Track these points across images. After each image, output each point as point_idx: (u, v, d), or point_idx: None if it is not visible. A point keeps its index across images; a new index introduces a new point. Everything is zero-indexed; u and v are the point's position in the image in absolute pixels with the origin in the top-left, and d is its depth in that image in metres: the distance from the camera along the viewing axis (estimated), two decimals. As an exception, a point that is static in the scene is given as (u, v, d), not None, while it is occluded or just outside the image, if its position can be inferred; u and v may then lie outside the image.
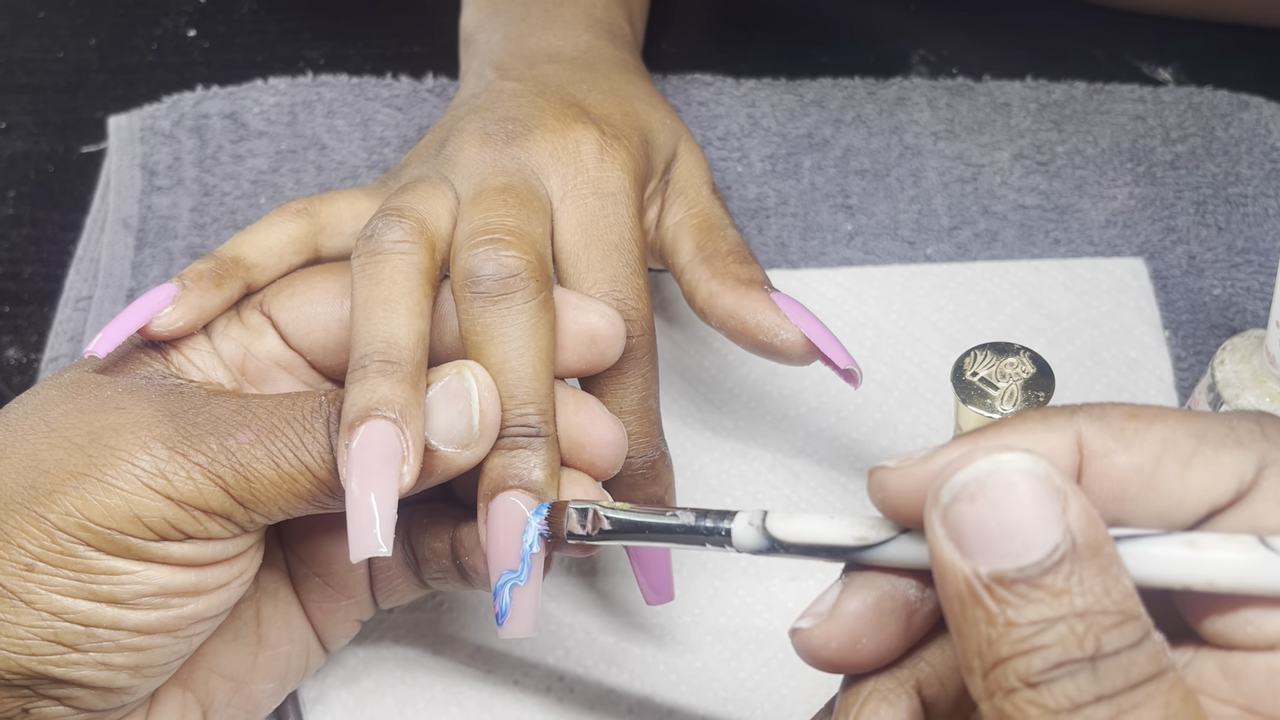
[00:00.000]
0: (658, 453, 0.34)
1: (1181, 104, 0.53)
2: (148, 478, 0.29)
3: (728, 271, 0.36)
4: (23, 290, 0.51)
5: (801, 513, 0.26)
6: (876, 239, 0.50)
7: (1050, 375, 0.32)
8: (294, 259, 0.36)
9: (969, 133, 0.53)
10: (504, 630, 0.31)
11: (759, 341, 0.35)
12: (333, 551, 0.35)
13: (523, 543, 0.31)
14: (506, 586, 0.31)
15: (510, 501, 0.31)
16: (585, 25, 0.44)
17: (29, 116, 0.56)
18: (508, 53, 0.42)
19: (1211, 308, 0.48)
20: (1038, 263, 0.49)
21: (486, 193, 0.34)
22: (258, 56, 0.58)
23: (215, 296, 0.33)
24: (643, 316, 0.34)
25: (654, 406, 0.34)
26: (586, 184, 0.35)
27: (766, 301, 0.35)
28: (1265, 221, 0.50)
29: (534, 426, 0.31)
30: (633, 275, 0.34)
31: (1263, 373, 0.40)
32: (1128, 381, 0.46)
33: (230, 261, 0.34)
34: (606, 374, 0.33)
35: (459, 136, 0.36)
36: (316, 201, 0.36)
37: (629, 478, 0.34)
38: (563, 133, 0.36)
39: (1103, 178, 0.51)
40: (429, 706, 0.40)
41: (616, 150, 0.36)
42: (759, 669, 0.40)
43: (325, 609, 0.36)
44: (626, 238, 0.34)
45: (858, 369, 0.35)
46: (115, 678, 0.30)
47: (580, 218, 0.34)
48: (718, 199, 0.39)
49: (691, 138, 0.41)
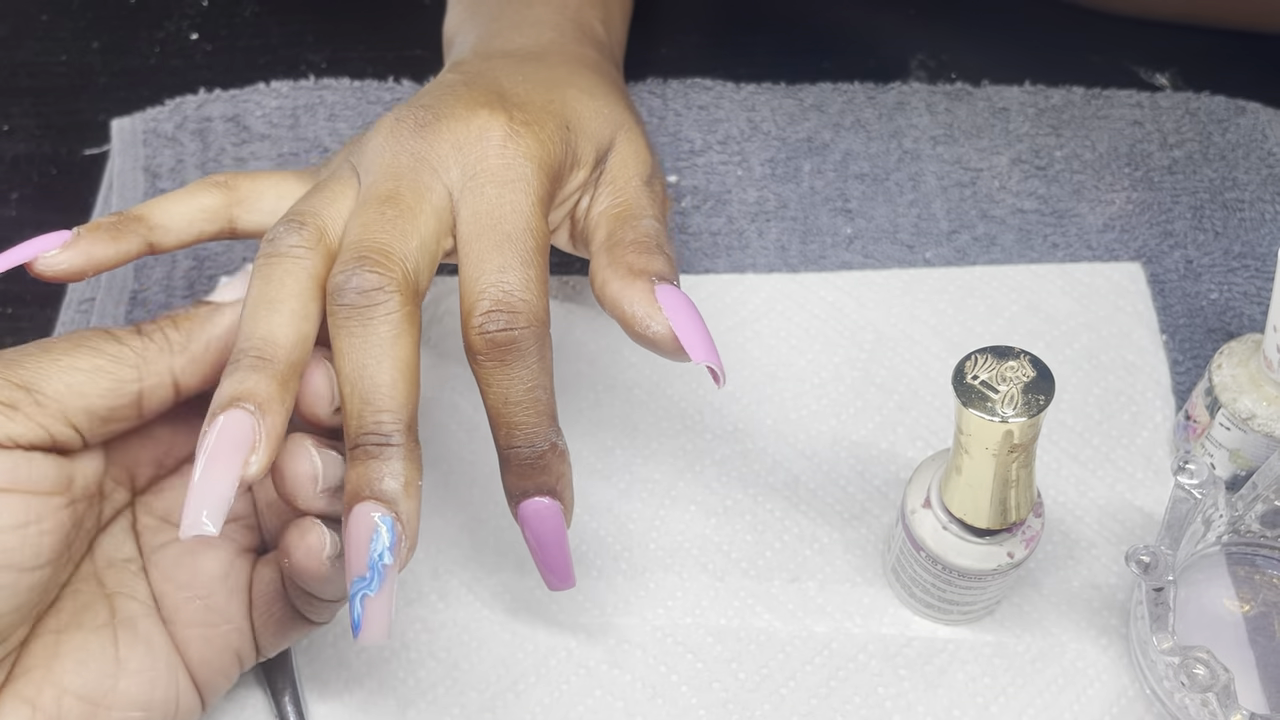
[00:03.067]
0: (547, 443, 0.34)
1: (1179, 109, 0.54)
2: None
3: (622, 260, 0.35)
4: (25, 292, 0.51)
5: None
6: (876, 243, 0.50)
7: (1050, 379, 0.32)
8: (205, 227, 0.37)
9: (968, 137, 0.53)
10: (360, 639, 0.31)
11: (634, 332, 0.35)
12: (212, 571, 0.35)
13: (371, 551, 0.31)
14: (358, 596, 0.31)
15: (361, 512, 0.31)
16: (553, 24, 0.44)
17: (32, 119, 0.57)
18: (473, 52, 0.42)
19: (1209, 312, 0.48)
20: (1036, 267, 0.49)
21: (369, 203, 0.34)
22: (260, 60, 0.58)
23: (109, 247, 0.35)
24: (530, 308, 0.33)
25: (542, 397, 0.33)
26: (486, 173, 0.35)
27: (645, 292, 0.34)
28: (1262, 226, 0.50)
29: (386, 435, 0.31)
30: (524, 265, 0.33)
31: (1260, 377, 0.40)
32: (1125, 385, 0.46)
33: (133, 219, 0.35)
34: (491, 365, 0.33)
35: (373, 127, 0.37)
36: (239, 176, 0.37)
37: (518, 466, 0.34)
38: (468, 120, 0.36)
39: (1100, 182, 0.52)
40: (431, 707, 0.40)
41: (523, 137, 0.35)
42: (759, 670, 0.40)
43: (204, 635, 0.35)
44: (521, 227, 0.34)
45: (719, 368, 0.34)
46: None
47: (477, 208, 0.34)
48: (650, 190, 0.38)
49: (636, 130, 0.40)
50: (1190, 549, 0.40)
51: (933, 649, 0.41)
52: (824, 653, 0.41)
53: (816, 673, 0.40)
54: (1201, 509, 0.38)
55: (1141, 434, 0.45)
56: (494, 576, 0.42)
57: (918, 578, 0.39)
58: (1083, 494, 0.44)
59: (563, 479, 0.35)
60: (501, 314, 0.33)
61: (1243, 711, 0.34)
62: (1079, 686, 0.40)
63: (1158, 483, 0.44)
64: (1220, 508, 0.39)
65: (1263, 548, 0.41)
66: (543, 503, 0.34)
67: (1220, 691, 0.34)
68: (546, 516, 0.34)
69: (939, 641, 0.41)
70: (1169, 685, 0.37)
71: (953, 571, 0.37)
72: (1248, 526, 0.40)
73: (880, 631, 0.41)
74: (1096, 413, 0.45)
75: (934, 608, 0.40)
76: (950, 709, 0.40)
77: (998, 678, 0.40)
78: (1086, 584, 0.42)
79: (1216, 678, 0.34)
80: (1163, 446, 0.45)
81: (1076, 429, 0.45)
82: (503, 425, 0.33)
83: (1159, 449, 0.45)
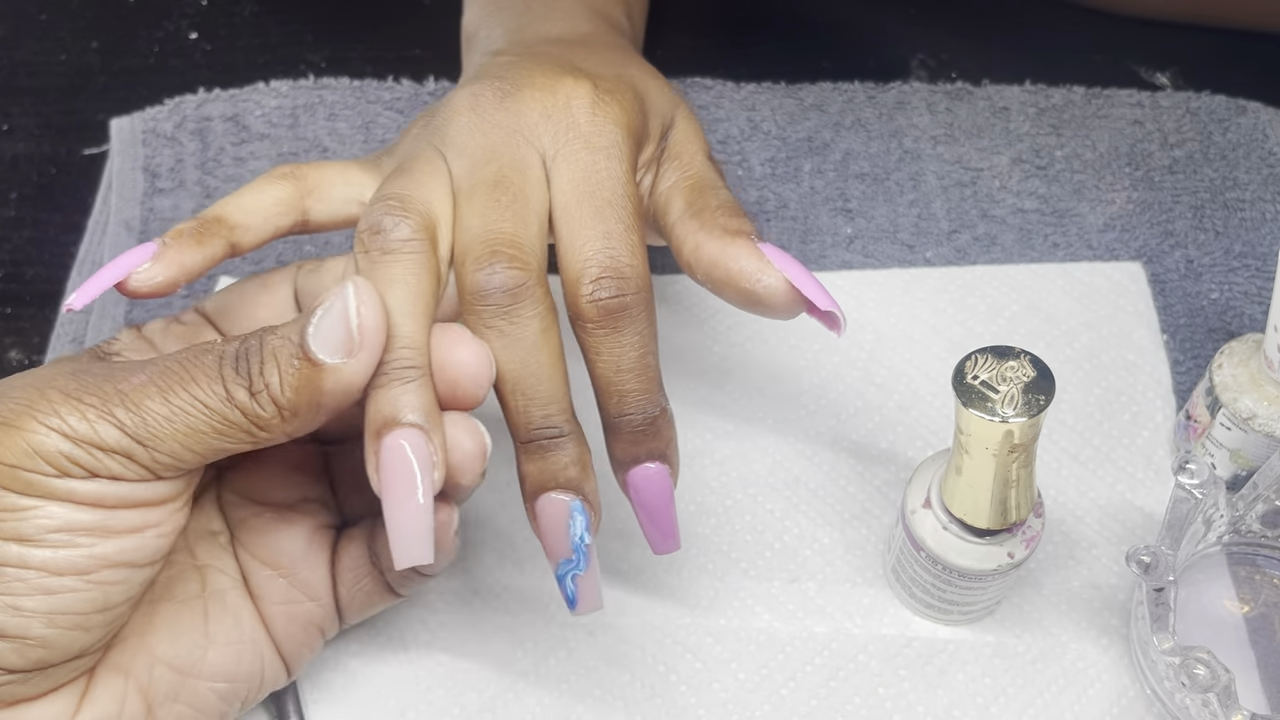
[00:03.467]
0: (658, 409, 0.34)
1: (1179, 109, 0.54)
2: (44, 418, 0.29)
3: (715, 223, 0.35)
4: (25, 292, 0.51)
5: None
6: (876, 243, 0.50)
7: (1050, 379, 0.32)
8: (280, 220, 0.36)
9: (968, 137, 0.53)
10: (577, 612, 0.34)
11: (742, 289, 0.34)
12: (293, 550, 0.36)
13: (571, 535, 0.33)
14: (567, 576, 0.33)
15: (553, 501, 0.33)
16: (584, 16, 0.44)
17: (31, 119, 0.57)
18: (508, 42, 0.42)
19: (1209, 312, 0.48)
20: (1036, 267, 0.49)
21: (478, 189, 0.34)
22: (259, 59, 0.58)
23: (196, 253, 0.34)
24: (638, 274, 0.33)
25: (652, 364, 0.34)
26: (579, 139, 0.35)
27: (751, 248, 0.34)
28: (1263, 226, 0.50)
29: (558, 427, 0.32)
30: (627, 231, 0.33)
31: (1260, 376, 0.40)
32: (1126, 385, 0.46)
33: (213, 220, 0.35)
34: (603, 333, 0.33)
35: (448, 106, 0.36)
36: (305, 167, 0.37)
37: (630, 433, 0.34)
38: (553, 89, 0.35)
39: (1101, 182, 0.52)
40: (430, 709, 0.40)
41: (609, 104, 0.35)
42: (759, 670, 0.40)
43: (288, 612, 0.36)
44: (619, 193, 0.34)
45: (840, 312, 0.34)
46: (29, 625, 0.30)
47: (573, 174, 0.34)
48: (714, 166, 0.39)
49: (690, 109, 0.40)
50: (1191, 549, 0.40)
51: (933, 649, 0.41)
52: (824, 653, 0.41)
53: (816, 673, 0.40)
54: (1202, 509, 0.38)
55: (1142, 434, 0.45)
56: (494, 576, 0.42)
57: (918, 578, 0.39)
58: (1083, 494, 0.44)
59: (671, 443, 0.35)
60: (611, 280, 0.32)
61: (1243, 712, 0.34)
62: (1079, 687, 0.40)
63: (1158, 483, 0.44)
64: (1221, 508, 0.39)
65: (1263, 548, 0.41)
66: (652, 468, 0.34)
67: (1221, 692, 0.34)
68: (657, 480, 0.35)
69: (939, 642, 0.41)
70: (1170, 685, 0.37)
71: (953, 572, 0.37)
72: (1248, 526, 0.40)
73: (880, 632, 0.41)
74: (1097, 412, 0.45)
75: (934, 608, 0.40)
76: (950, 709, 0.40)
77: (998, 678, 0.40)
78: (1087, 584, 0.42)
79: (1217, 678, 0.34)
80: (1163, 446, 0.45)
81: (1077, 429, 0.45)
82: (614, 394, 0.33)
83: (1159, 449, 0.45)
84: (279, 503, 0.37)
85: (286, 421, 0.31)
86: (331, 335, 0.30)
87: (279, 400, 0.30)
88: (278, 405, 0.30)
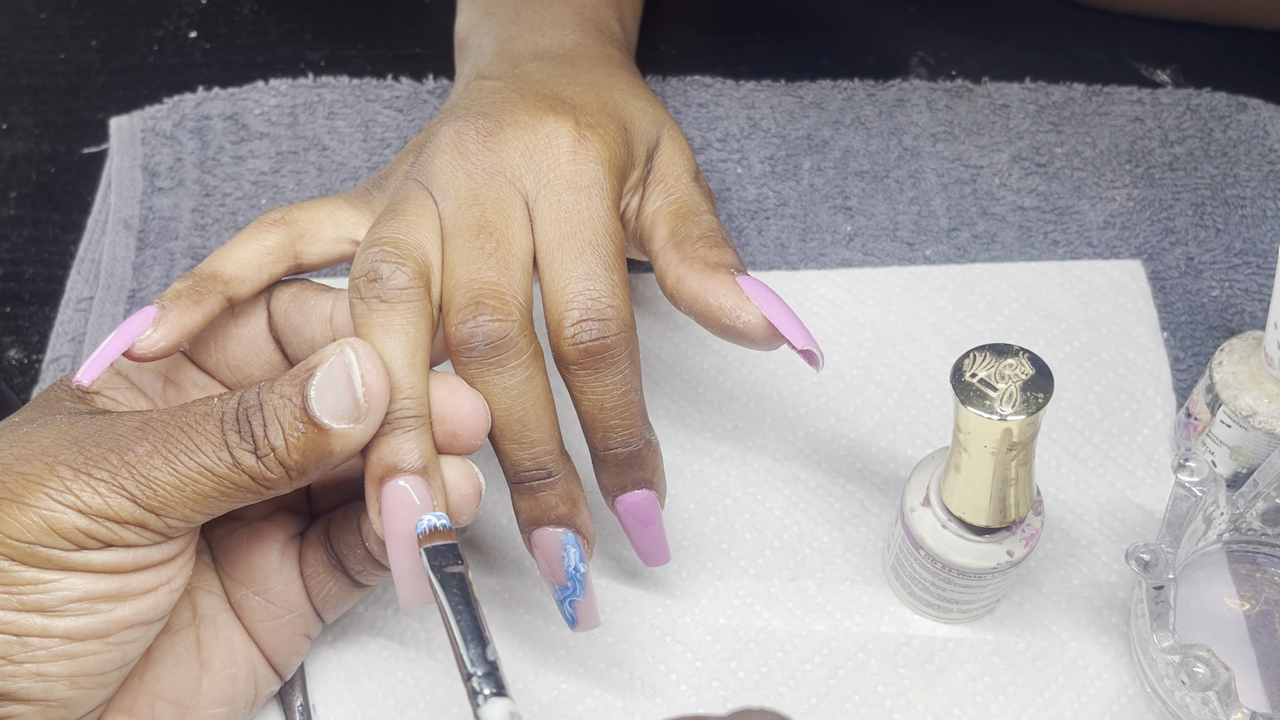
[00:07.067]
0: (642, 442, 0.35)
1: (1180, 106, 0.53)
2: (58, 495, 0.30)
3: (695, 255, 0.36)
4: (24, 291, 0.51)
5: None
6: (875, 240, 0.50)
7: (1049, 377, 0.32)
8: (274, 268, 0.36)
9: (968, 134, 0.53)
10: (577, 630, 0.36)
11: (722, 324, 0.35)
12: (265, 567, 0.36)
13: (566, 566, 0.34)
14: (566, 601, 0.35)
15: (548, 535, 0.35)
16: (573, 25, 0.44)
17: (30, 118, 0.57)
18: (496, 54, 0.42)
19: (1210, 309, 0.48)
20: (1036, 264, 0.49)
21: (461, 235, 0.34)
22: (259, 58, 0.58)
23: (195, 313, 0.34)
24: (619, 315, 0.33)
25: (635, 400, 0.35)
26: (560, 180, 0.35)
27: (730, 284, 0.35)
28: (1263, 223, 0.50)
29: (547, 470, 0.34)
30: (608, 271, 0.34)
31: (1261, 374, 0.40)
32: (1126, 382, 0.46)
33: (208, 277, 0.35)
34: (586, 374, 0.34)
35: (434, 141, 0.36)
36: (294, 210, 0.37)
37: (616, 466, 0.35)
38: (535, 128, 0.36)
39: (1101, 179, 0.52)
40: (430, 708, 0.40)
41: (591, 142, 0.36)
42: (758, 668, 0.40)
43: (271, 627, 0.37)
44: (601, 232, 0.34)
45: (817, 350, 0.34)
46: (52, 689, 0.30)
47: (555, 215, 0.35)
48: (699, 187, 0.39)
49: (676, 128, 0.40)
50: (1191, 547, 0.40)
51: (932, 648, 0.41)
52: (823, 651, 0.41)
53: (816, 671, 0.40)
54: (1202, 507, 0.38)
55: (1142, 431, 0.45)
56: (493, 577, 0.42)
57: (917, 576, 0.39)
58: (1083, 492, 0.44)
59: (656, 471, 0.36)
60: (593, 323, 0.33)
61: (1243, 710, 0.34)
62: (1079, 685, 0.40)
63: (1158, 480, 0.44)
64: (1221, 505, 0.39)
65: (1264, 545, 0.41)
66: (638, 494, 0.36)
67: (1221, 690, 0.34)
68: (643, 505, 0.37)
69: (939, 640, 0.41)
70: (1170, 684, 0.37)
71: (952, 570, 0.37)
72: (1249, 524, 0.40)
73: (880, 630, 0.41)
74: (1097, 410, 0.45)
75: (934, 606, 0.40)
76: (950, 708, 0.40)
77: (998, 676, 0.40)
78: (1087, 582, 0.42)
79: (1217, 676, 0.34)
80: (1163, 444, 0.45)
81: (1077, 426, 0.45)
82: (599, 429, 0.35)
83: (1160, 446, 0.45)
84: (253, 515, 0.37)
85: (294, 480, 0.32)
86: (337, 402, 0.31)
87: (287, 463, 0.31)
88: (285, 467, 0.31)
